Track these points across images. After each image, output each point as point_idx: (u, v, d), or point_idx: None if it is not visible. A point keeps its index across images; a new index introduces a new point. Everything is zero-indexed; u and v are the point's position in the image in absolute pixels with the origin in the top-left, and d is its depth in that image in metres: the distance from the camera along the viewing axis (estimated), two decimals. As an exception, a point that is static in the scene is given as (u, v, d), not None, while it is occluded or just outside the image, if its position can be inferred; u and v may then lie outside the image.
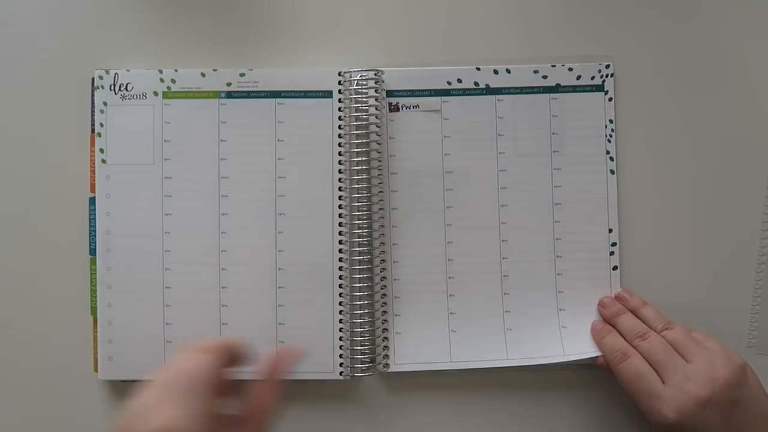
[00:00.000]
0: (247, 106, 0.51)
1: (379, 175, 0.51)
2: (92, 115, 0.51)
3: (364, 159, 0.50)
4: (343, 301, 0.50)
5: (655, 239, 0.52)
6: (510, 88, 0.51)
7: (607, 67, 0.52)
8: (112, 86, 0.51)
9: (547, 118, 0.51)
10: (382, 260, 0.50)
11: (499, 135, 0.51)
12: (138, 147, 0.51)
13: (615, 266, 0.51)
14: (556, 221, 0.51)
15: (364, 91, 0.51)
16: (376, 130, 0.51)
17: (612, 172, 0.51)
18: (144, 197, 0.51)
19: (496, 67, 0.51)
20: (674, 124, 0.52)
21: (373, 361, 0.50)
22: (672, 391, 0.43)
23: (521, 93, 0.51)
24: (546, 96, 0.51)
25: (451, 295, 0.51)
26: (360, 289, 0.50)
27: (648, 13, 0.52)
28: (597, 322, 0.50)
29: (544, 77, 0.51)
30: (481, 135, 0.51)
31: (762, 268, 0.51)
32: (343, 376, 0.50)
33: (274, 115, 0.51)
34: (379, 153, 0.51)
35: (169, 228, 0.50)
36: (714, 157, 0.52)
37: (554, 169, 0.51)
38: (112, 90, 0.51)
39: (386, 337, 0.50)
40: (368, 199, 0.50)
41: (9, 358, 0.52)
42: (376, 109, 0.51)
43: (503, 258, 0.51)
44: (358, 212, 0.50)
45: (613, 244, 0.51)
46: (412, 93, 0.51)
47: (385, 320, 0.50)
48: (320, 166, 0.51)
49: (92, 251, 0.51)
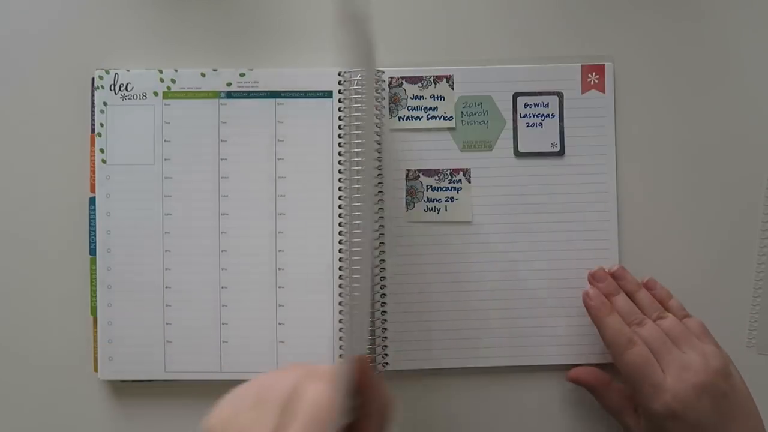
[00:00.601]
0: (247, 106, 0.51)
1: (379, 175, 0.51)
2: (92, 115, 0.51)
3: (364, 159, 0.50)
4: (343, 301, 0.50)
5: (655, 239, 0.52)
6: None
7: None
8: (112, 86, 0.51)
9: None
10: (382, 260, 0.50)
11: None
12: (138, 147, 0.51)
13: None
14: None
15: (364, 91, 0.51)
16: (376, 130, 0.51)
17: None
18: (144, 197, 0.51)
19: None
20: (673, 124, 0.52)
21: (372, 360, 0.50)
22: (672, 380, 0.44)
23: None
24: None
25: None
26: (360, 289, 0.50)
27: (648, 13, 0.52)
28: (594, 292, 0.48)
29: None
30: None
31: (762, 268, 0.51)
32: (343, 376, 0.49)
33: (274, 115, 0.51)
34: (379, 153, 0.51)
35: (169, 228, 0.50)
36: (713, 157, 0.52)
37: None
38: (112, 90, 0.51)
39: (386, 337, 0.50)
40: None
41: (9, 358, 0.52)
42: (376, 108, 0.51)
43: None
44: (358, 212, 0.50)
45: None
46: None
47: (385, 320, 0.51)
48: (320, 166, 0.51)
49: (92, 251, 0.51)
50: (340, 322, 0.50)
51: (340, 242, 0.50)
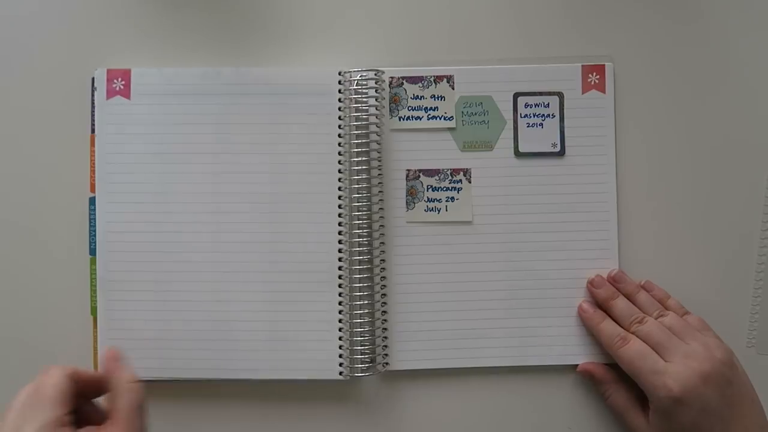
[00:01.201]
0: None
1: (379, 174, 0.51)
2: (92, 115, 0.51)
3: (364, 159, 0.50)
4: (343, 301, 0.50)
5: (655, 240, 0.52)
6: None
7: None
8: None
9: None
10: (382, 260, 0.50)
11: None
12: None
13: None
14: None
15: (364, 91, 0.51)
16: (376, 130, 0.51)
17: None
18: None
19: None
20: (673, 125, 0.52)
21: (373, 360, 0.50)
22: (675, 366, 0.45)
23: None
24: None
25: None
26: (360, 289, 0.50)
27: (648, 14, 0.52)
28: (587, 304, 0.50)
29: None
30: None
31: (762, 268, 0.51)
32: (343, 376, 0.49)
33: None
34: (379, 153, 0.51)
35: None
36: (714, 157, 0.52)
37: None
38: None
39: (386, 337, 0.50)
40: (368, 199, 0.50)
41: (9, 358, 0.52)
42: (376, 109, 0.51)
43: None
44: (358, 212, 0.50)
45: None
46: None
47: (385, 320, 0.50)
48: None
49: (92, 251, 0.51)
50: (340, 321, 0.50)
51: (339, 242, 0.50)
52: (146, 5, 0.53)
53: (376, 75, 0.50)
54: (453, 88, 0.51)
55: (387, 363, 0.50)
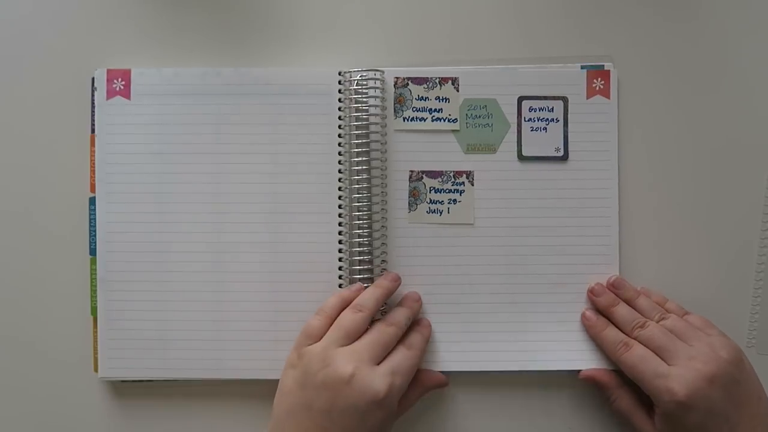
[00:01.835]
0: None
1: (380, 175, 0.51)
2: (92, 115, 0.51)
3: (364, 159, 0.50)
4: (343, 301, 0.50)
5: (655, 240, 0.52)
6: None
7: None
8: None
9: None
10: (383, 261, 0.50)
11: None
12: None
13: None
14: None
15: (364, 91, 0.51)
16: (377, 130, 0.51)
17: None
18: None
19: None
20: (675, 128, 0.52)
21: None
22: (679, 369, 0.44)
23: None
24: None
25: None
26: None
27: (648, 14, 0.52)
28: (590, 312, 0.50)
29: None
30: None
31: (762, 268, 0.51)
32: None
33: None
34: (379, 153, 0.51)
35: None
36: (714, 157, 0.52)
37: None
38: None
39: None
40: (368, 199, 0.50)
41: (9, 358, 0.52)
42: (376, 109, 0.51)
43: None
44: (358, 212, 0.50)
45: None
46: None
47: (386, 320, 0.50)
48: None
49: (92, 251, 0.51)
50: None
51: (340, 242, 0.50)
52: (146, 5, 0.53)
53: (376, 75, 0.50)
54: (458, 90, 0.51)
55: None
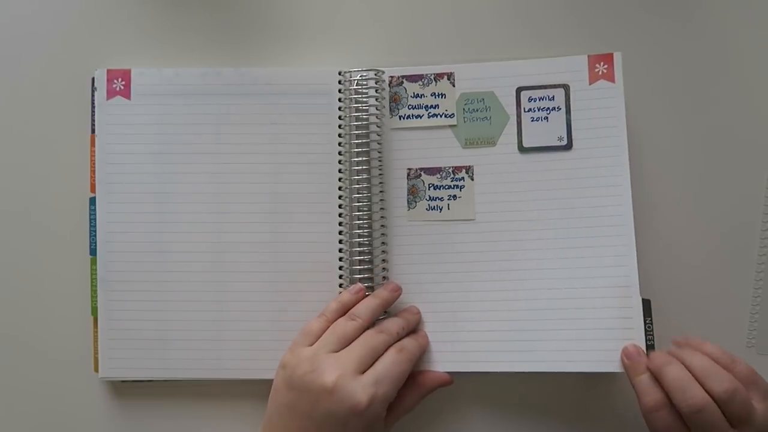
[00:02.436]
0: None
1: (379, 174, 0.51)
2: (92, 115, 0.51)
3: (364, 159, 0.50)
4: (344, 300, 0.50)
5: (655, 239, 0.51)
6: None
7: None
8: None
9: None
10: (384, 260, 0.50)
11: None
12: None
13: None
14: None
15: (364, 91, 0.51)
16: (377, 130, 0.51)
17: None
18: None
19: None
20: (675, 122, 0.52)
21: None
22: None
23: None
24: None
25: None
26: (360, 289, 0.50)
27: (652, 11, 0.52)
28: (633, 347, 0.46)
29: None
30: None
31: (762, 268, 0.51)
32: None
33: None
34: (379, 153, 0.51)
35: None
36: (714, 156, 0.52)
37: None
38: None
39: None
40: (368, 199, 0.50)
41: (10, 358, 0.52)
42: (376, 109, 0.51)
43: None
44: (358, 212, 0.50)
45: None
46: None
47: (386, 320, 0.50)
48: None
49: (92, 251, 0.51)
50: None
51: (340, 242, 0.50)
52: (146, 5, 0.53)
53: (376, 75, 0.50)
54: (453, 85, 0.51)
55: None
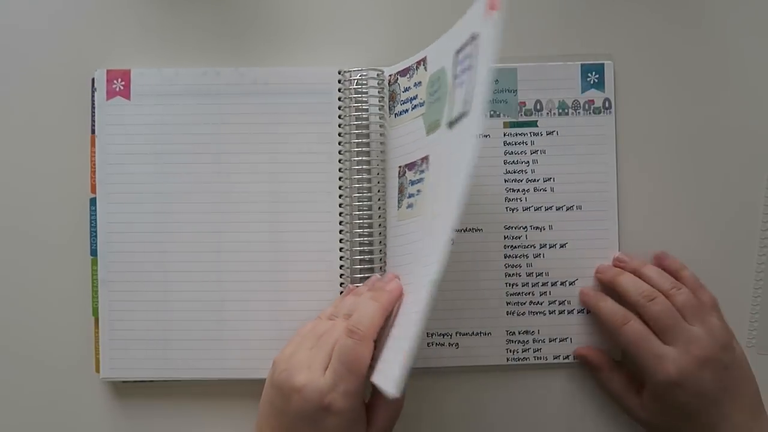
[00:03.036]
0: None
1: (379, 174, 0.51)
2: (92, 115, 0.51)
3: (364, 159, 0.50)
4: (344, 300, 0.50)
5: (655, 239, 0.51)
6: None
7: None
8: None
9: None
10: (382, 261, 0.50)
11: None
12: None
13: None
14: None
15: (364, 90, 0.50)
16: (377, 129, 0.51)
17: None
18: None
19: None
20: (673, 124, 0.52)
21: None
22: (675, 352, 0.45)
23: None
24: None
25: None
26: (361, 289, 0.50)
27: (648, 13, 0.52)
28: (586, 288, 0.50)
29: None
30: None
31: (762, 268, 0.51)
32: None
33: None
34: (379, 152, 0.51)
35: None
36: (713, 156, 0.52)
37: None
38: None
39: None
40: (368, 198, 0.50)
41: (10, 359, 0.52)
42: (376, 108, 0.50)
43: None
44: (358, 212, 0.50)
45: None
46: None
47: (386, 320, 0.50)
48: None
49: (93, 252, 0.51)
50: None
51: (341, 241, 0.50)
52: (146, 5, 0.53)
53: (376, 75, 0.50)
54: (426, 70, 0.48)
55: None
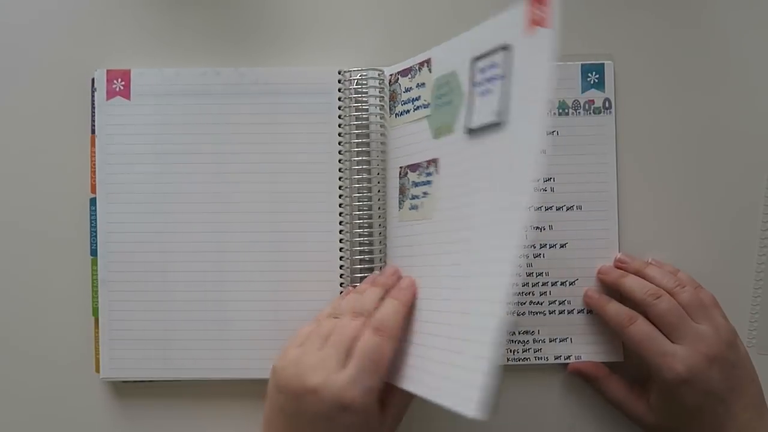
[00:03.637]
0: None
1: (379, 174, 0.51)
2: (92, 115, 0.51)
3: (364, 159, 0.50)
4: (344, 300, 0.50)
5: (655, 240, 0.51)
6: None
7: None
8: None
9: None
10: (382, 261, 0.50)
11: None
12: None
13: None
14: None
15: (364, 90, 0.50)
16: (377, 129, 0.51)
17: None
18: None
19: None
20: (673, 124, 0.52)
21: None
22: (684, 350, 0.45)
23: None
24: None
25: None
26: (361, 289, 0.50)
27: (647, 13, 0.52)
28: (592, 290, 0.50)
29: None
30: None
31: (762, 268, 0.51)
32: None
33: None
34: (379, 152, 0.51)
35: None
36: (713, 156, 0.52)
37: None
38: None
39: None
40: (368, 198, 0.50)
41: (11, 359, 0.52)
42: (376, 108, 0.50)
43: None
44: (358, 212, 0.50)
45: None
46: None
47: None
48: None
49: (93, 252, 0.51)
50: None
51: (341, 241, 0.50)
52: (146, 5, 0.53)
53: (376, 75, 0.50)
54: (430, 72, 0.47)
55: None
